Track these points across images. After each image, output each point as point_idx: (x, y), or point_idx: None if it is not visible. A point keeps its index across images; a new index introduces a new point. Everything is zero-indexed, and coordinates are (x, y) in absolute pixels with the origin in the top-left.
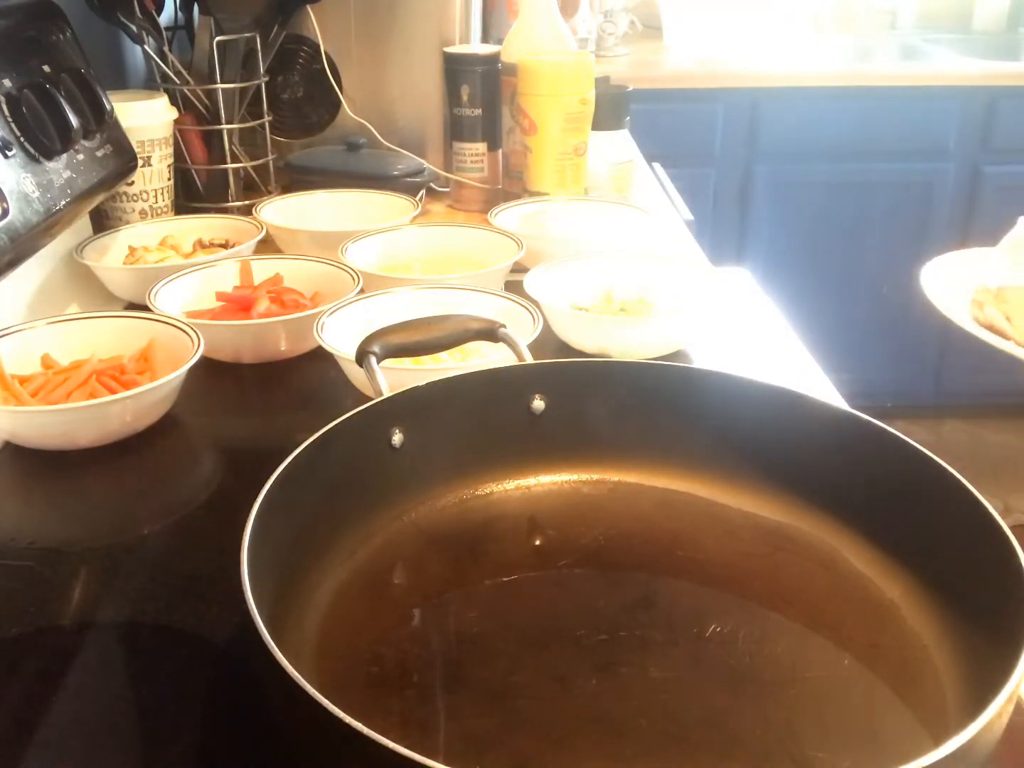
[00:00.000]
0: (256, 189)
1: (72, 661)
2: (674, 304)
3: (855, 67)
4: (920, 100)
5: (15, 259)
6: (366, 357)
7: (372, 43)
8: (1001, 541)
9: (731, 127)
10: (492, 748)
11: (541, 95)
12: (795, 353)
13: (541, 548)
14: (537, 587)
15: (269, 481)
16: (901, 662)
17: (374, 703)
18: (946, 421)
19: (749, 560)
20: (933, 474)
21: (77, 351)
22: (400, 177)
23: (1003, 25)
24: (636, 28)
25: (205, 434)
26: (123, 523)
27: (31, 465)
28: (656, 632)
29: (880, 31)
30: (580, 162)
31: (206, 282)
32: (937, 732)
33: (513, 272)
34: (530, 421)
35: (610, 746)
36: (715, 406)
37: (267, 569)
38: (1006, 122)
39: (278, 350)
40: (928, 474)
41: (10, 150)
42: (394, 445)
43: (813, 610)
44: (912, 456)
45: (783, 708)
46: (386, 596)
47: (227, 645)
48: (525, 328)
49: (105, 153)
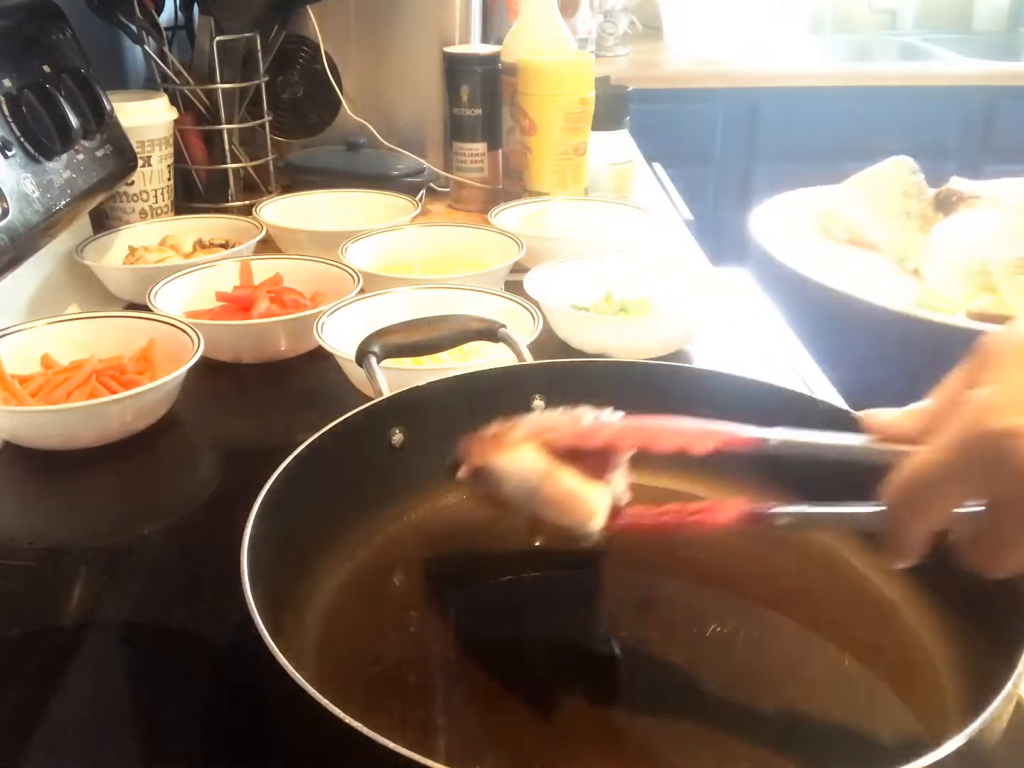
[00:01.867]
0: (256, 189)
1: (72, 661)
2: (674, 304)
3: (855, 67)
4: (920, 100)
5: (15, 259)
6: (366, 357)
7: (372, 43)
8: None
9: (731, 127)
10: (492, 748)
11: (541, 95)
12: (795, 353)
13: (541, 548)
14: (537, 587)
15: (269, 481)
16: (901, 662)
17: (374, 703)
18: None
19: (749, 560)
20: None
21: (77, 351)
22: (400, 177)
23: (1003, 25)
24: (636, 28)
25: (205, 434)
26: (123, 523)
27: (31, 465)
28: (656, 632)
29: (880, 31)
30: (580, 162)
31: (206, 282)
32: (937, 732)
33: (513, 272)
34: None
35: (610, 746)
36: (715, 406)
37: (267, 569)
38: (1006, 122)
39: (278, 350)
40: None
41: (10, 150)
42: (394, 445)
43: (813, 610)
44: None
45: (783, 708)
46: (386, 596)
47: (227, 645)
48: (525, 328)
49: (105, 153)
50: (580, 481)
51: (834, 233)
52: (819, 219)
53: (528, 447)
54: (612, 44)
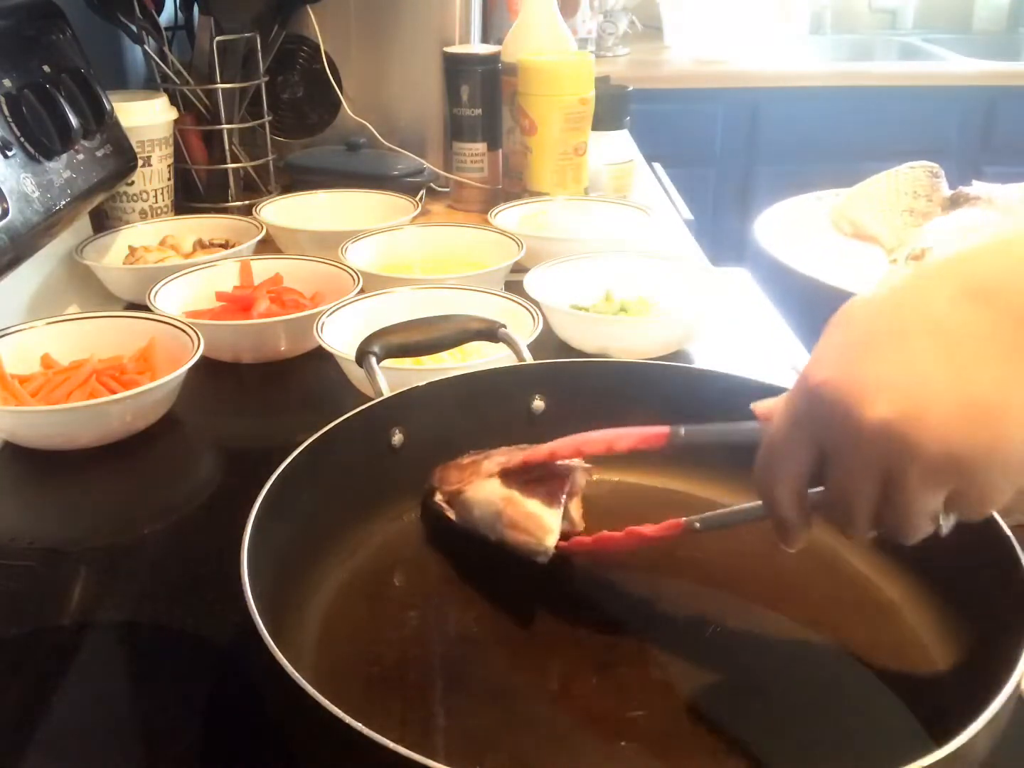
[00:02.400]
0: (256, 189)
1: (72, 661)
2: (674, 304)
3: (855, 67)
4: (920, 100)
5: (15, 259)
6: (366, 357)
7: (372, 43)
8: (1001, 541)
9: (731, 127)
10: (492, 748)
11: (541, 95)
12: (795, 353)
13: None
14: (537, 587)
15: (269, 481)
16: (901, 662)
17: (374, 703)
18: None
19: (749, 560)
20: None
21: (77, 351)
22: (400, 177)
23: (1003, 25)
24: (636, 28)
25: (205, 434)
26: (123, 523)
27: (31, 465)
28: (656, 632)
29: (880, 31)
30: (580, 162)
31: (206, 282)
32: (937, 732)
33: (513, 272)
34: (530, 421)
35: (610, 746)
36: (715, 406)
37: (267, 569)
38: (1006, 122)
39: (278, 350)
40: None
41: (10, 150)
42: (394, 445)
43: (813, 610)
44: None
45: (783, 708)
46: (386, 596)
47: (227, 645)
48: (525, 328)
49: (105, 153)
50: (538, 504)
51: (841, 227)
52: (830, 214)
53: (493, 480)
54: (612, 44)
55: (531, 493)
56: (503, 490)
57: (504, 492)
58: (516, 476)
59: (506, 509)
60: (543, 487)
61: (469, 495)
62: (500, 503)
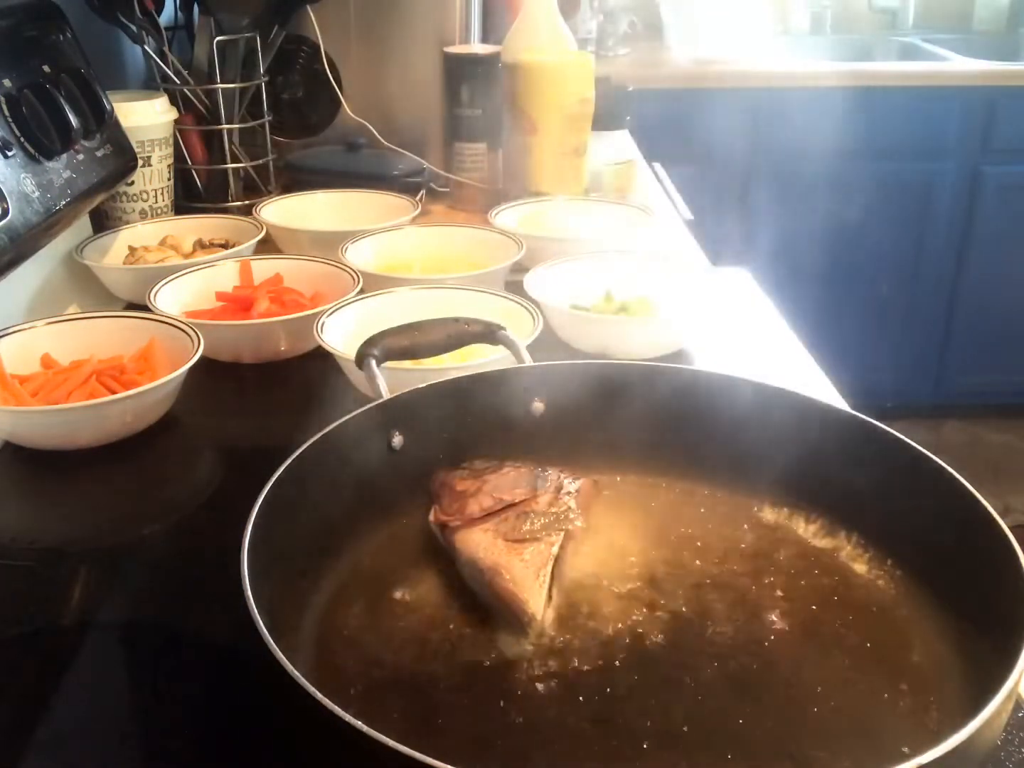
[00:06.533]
0: (256, 189)
1: (72, 661)
2: (674, 304)
3: (855, 67)
4: (920, 100)
5: (15, 259)
6: (366, 360)
7: (372, 43)
8: (1001, 541)
9: (731, 127)
10: (492, 748)
11: (541, 95)
12: (795, 353)
13: None
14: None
15: (269, 481)
16: (901, 662)
17: (374, 703)
18: (946, 421)
19: (749, 560)
20: (933, 474)
21: (77, 351)
22: (400, 177)
23: (1003, 25)
24: (636, 28)
25: (205, 434)
26: (123, 523)
27: (31, 465)
28: (656, 633)
29: (880, 31)
30: (580, 162)
31: (206, 282)
32: (937, 732)
33: (513, 272)
34: (530, 422)
35: (610, 746)
36: (715, 406)
37: (267, 569)
38: (1006, 122)
39: (278, 350)
40: (928, 474)
41: (10, 150)
42: (394, 447)
43: (813, 611)
44: (912, 456)
45: (783, 708)
46: (386, 596)
47: (227, 645)
48: (525, 328)
49: (105, 153)
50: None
51: None
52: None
53: (481, 531)
54: (612, 44)
55: (518, 554)
56: (489, 549)
57: (490, 556)
58: (505, 525)
59: (491, 582)
60: (531, 546)
61: (458, 542)
62: (485, 571)
